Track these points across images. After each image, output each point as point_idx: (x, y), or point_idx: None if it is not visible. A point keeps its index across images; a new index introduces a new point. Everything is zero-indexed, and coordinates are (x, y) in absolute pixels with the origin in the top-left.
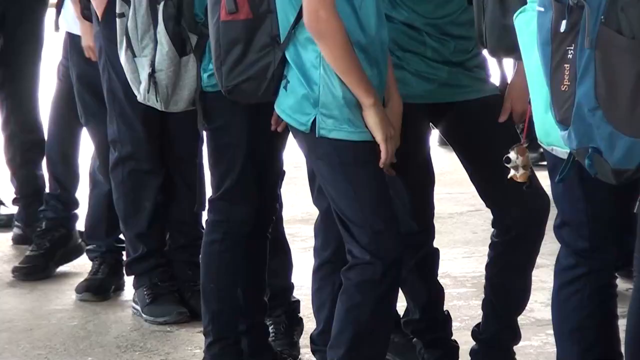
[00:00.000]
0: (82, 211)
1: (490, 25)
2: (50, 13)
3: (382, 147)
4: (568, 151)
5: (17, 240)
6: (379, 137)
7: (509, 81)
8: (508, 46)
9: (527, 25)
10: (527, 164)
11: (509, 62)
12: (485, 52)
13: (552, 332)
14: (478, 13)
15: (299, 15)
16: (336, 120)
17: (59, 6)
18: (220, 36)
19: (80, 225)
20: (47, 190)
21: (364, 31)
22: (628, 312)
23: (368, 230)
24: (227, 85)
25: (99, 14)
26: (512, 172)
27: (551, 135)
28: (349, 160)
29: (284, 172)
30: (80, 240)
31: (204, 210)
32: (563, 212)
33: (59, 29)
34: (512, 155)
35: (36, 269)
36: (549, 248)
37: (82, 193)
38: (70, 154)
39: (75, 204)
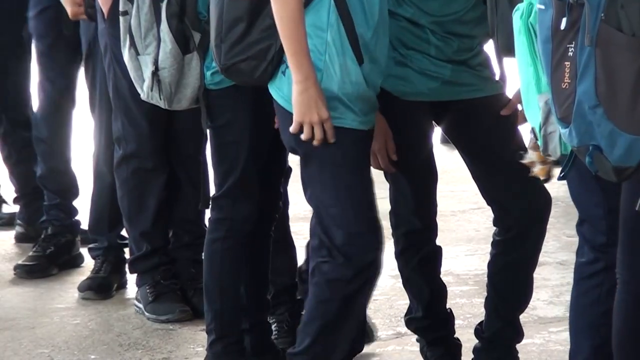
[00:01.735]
0: (81, 217)
1: (501, 25)
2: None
3: (294, 125)
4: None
5: (20, 239)
6: (295, 116)
7: (507, 79)
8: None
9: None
10: (544, 159)
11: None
12: (486, 50)
13: (555, 330)
14: (491, 12)
15: (305, 3)
16: (335, 110)
17: None
18: (223, 13)
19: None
20: (45, 202)
21: (368, 25)
22: (613, 313)
23: (345, 230)
24: (225, 64)
25: (105, 11)
26: (533, 170)
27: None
28: (338, 155)
29: (290, 169)
30: (80, 251)
31: (208, 208)
32: (581, 208)
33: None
34: (528, 152)
35: (38, 268)
36: (552, 246)
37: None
38: (61, 167)
39: (75, 211)
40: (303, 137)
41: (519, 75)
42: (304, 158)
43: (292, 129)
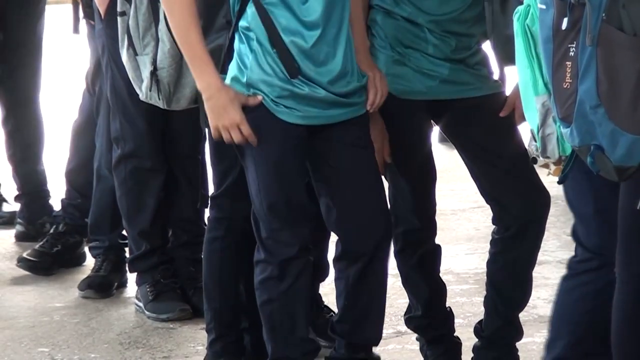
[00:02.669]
0: None
1: (496, 36)
2: (51, 10)
3: (213, 132)
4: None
5: (20, 238)
6: (210, 122)
7: (506, 79)
8: (513, 56)
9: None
10: (558, 160)
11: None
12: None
13: None
14: (488, 20)
15: (242, 5)
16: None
17: (77, 9)
18: None
19: None
20: (64, 196)
21: (305, 29)
22: (612, 314)
23: (265, 224)
24: None
25: (102, 12)
26: (547, 172)
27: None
28: (261, 150)
29: None
30: (84, 250)
31: (205, 207)
32: (573, 208)
33: (79, 32)
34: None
35: (41, 265)
36: (552, 245)
37: None
38: (92, 163)
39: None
40: (225, 140)
41: (518, 77)
42: (237, 150)
43: (213, 135)
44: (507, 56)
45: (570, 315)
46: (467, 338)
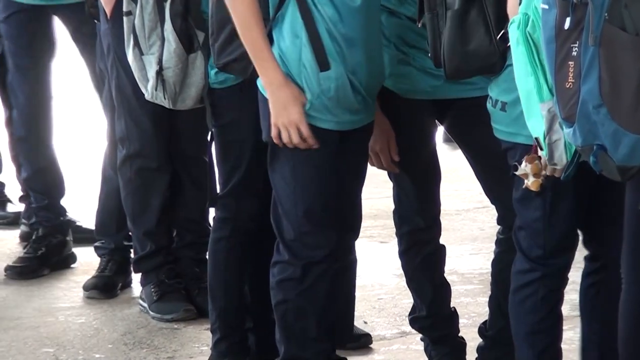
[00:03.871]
0: (80, 216)
1: (449, 52)
2: None
3: (273, 130)
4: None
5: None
6: (272, 119)
7: None
8: (470, 72)
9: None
10: (537, 172)
11: None
12: None
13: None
14: (433, 36)
15: (281, 2)
16: (307, 110)
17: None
18: (214, 13)
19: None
20: (33, 204)
21: (343, 21)
22: (619, 315)
23: (293, 227)
24: (219, 63)
25: (108, 12)
26: (526, 182)
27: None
28: (300, 152)
29: None
30: (72, 250)
31: (214, 207)
32: (521, 216)
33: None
34: (522, 163)
35: (29, 269)
36: None
37: (74, 193)
38: (46, 164)
39: (63, 210)
40: (283, 139)
41: (518, 86)
42: (270, 148)
43: (272, 133)
44: (463, 72)
45: (527, 326)
46: (472, 338)
